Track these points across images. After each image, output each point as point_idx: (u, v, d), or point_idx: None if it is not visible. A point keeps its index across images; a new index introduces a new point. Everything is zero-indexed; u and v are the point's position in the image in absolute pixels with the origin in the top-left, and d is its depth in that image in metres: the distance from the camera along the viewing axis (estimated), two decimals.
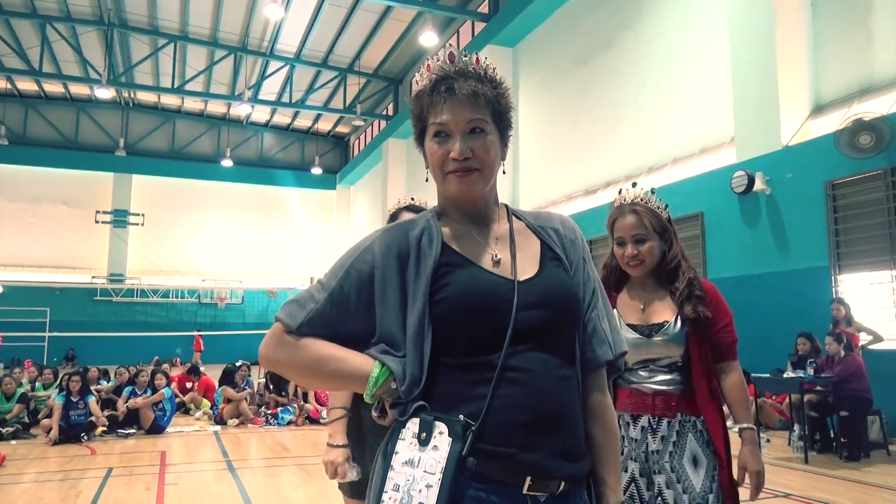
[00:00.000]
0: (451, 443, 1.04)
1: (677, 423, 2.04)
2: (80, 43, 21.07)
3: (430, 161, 1.23)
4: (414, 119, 1.27)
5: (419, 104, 1.24)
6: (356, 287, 1.19)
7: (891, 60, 7.80)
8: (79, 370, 8.85)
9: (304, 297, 1.21)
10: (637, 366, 2.10)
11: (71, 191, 26.51)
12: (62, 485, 5.53)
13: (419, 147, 1.27)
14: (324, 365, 1.17)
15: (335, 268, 1.23)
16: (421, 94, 1.24)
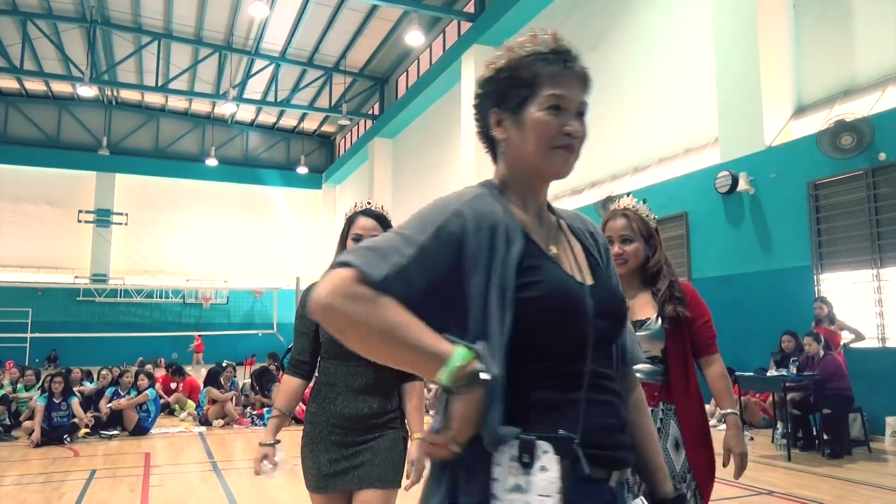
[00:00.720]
0: (560, 461, 0.98)
1: (660, 411, 2.23)
2: (63, 40, 20.85)
3: (536, 131, 1.12)
4: (516, 82, 1.14)
5: (531, 69, 1.13)
6: (447, 251, 1.04)
7: (872, 62, 7.90)
8: (61, 371, 8.76)
9: (383, 247, 1.03)
10: None
11: (53, 190, 26.22)
12: (45, 487, 5.47)
13: (504, 113, 1.16)
14: (400, 332, 0.98)
15: (422, 222, 1.06)
16: (534, 60, 1.13)
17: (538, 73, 1.14)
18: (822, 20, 8.48)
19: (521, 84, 1.14)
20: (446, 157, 18.40)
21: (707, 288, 9.40)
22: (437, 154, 19.24)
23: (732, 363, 8.30)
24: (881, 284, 7.30)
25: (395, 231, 1.08)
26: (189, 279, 26.69)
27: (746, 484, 5.26)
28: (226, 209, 28.63)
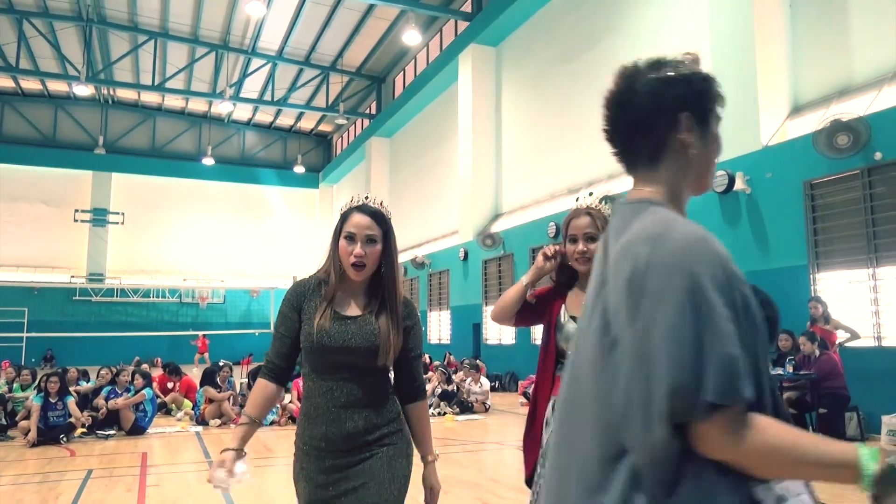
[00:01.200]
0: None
1: None
2: (59, 39, 20.80)
3: (716, 149, 1.19)
4: (711, 95, 1.18)
5: (719, 89, 1.19)
6: (750, 333, 0.95)
7: (868, 62, 7.92)
8: (57, 371, 8.73)
9: (723, 359, 0.90)
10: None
11: (49, 189, 26.16)
12: (41, 487, 5.46)
13: (692, 121, 1.13)
14: (804, 451, 0.90)
15: (715, 301, 0.93)
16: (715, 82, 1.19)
17: (721, 94, 1.16)
18: (819, 20, 8.50)
19: (713, 99, 1.16)
20: (443, 157, 18.41)
21: None
22: (434, 153, 19.24)
23: None
24: (877, 283, 7.32)
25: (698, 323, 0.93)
26: (186, 279, 26.66)
27: None
28: (222, 208, 28.60)
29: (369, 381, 1.97)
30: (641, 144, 1.16)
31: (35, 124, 26.42)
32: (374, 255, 1.94)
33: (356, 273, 1.93)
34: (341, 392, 1.94)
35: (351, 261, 1.92)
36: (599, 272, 1.13)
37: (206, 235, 28.07)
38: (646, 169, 1.16)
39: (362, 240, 1.93)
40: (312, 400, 1.97)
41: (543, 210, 13.47)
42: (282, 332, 2.01)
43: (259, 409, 2.00)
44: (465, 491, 5.16)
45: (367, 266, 1.94)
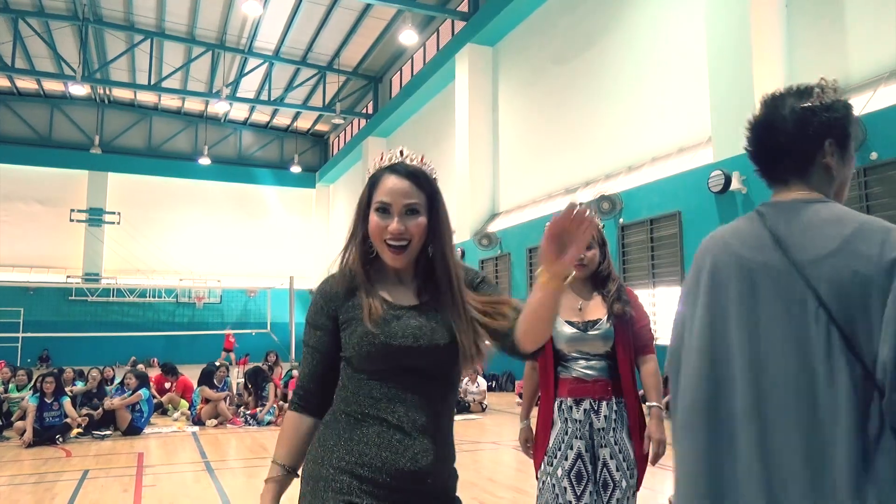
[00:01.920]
0: None
1: (614, 403, 2.50)
2: (54, 38, 20.74)
3: (851, 170, 1.37)
4: (853, 123, 1.34)
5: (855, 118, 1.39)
6: None
7: (864, 62, 7.94)
8: (53, 371, 8.71)
9: None
10: (575, 355, 2.55)
11: (45, 189, 26.08)
12: (37, 488, 5.44)
13: (835, 146, 1.32)
14: None
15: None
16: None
17: (857, 119, 1.34)
18: (815, 20, 8.52)
19: (852, 125, 1.32)
20: (440, 157, 18.40)
21: None
22: (430, 154, 19.14)
23: None
24: None
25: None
26: (182, 278, 26.61)
27: None
28: (219, 208, 28.55)
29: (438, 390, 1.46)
30: (789, 165, 1.34)
31: (31, 124, 26.34)
32: (419, 231, 1.44)
33: (395, 256, 1.44)
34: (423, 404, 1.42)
35: (387, 240, 1.43)
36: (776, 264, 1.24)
37: (203, 235, 28.02)
38: (796, 181, 1.34)
39: (400, 211, 1.43)
40: (364, 407, 1.42)
41: (540, 210, 13.48)
42: (312, 346, 1.51)
43: (291, 452, 1.48)
44: (462, 491, 5.14)
45: (411, 246, 1.44)
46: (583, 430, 2.45)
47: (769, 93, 1.38)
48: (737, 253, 1.30)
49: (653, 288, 10.38)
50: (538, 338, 1.40)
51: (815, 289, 1.17)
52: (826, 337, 1.15)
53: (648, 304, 10.47)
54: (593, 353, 2.53)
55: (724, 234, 1.38)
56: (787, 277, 1.20)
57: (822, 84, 1.32)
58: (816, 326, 1.16)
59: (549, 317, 1.36)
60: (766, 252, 1.25)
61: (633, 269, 10.82)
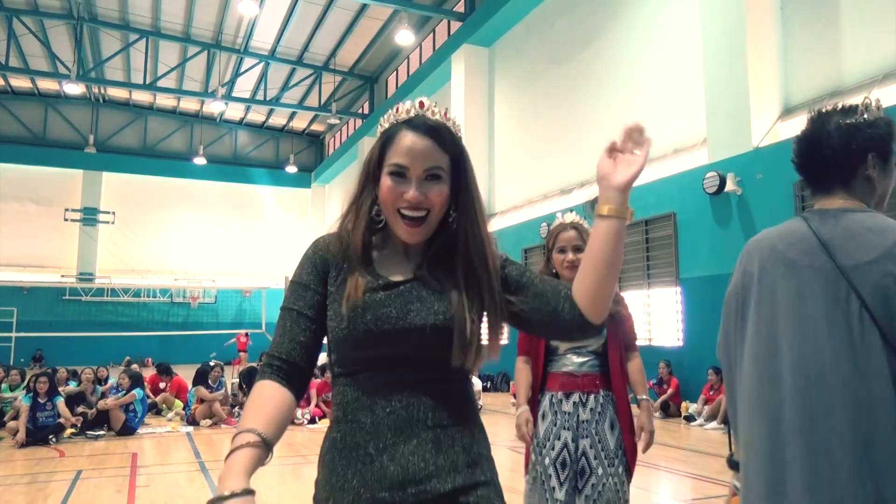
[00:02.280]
0: None
1: (601, 397, 2.64)
2: (49, 37, 20.67)
3: (892, 183, 1.53)
4: (893, 140, 1.47)
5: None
6: None
7: (859, 64, 7.97)
8: (47, 371, 8.68)
9: None
10: (568, 351, 2.69)
11: (39, 188, 25.99)
12: (30, 488, 5.42)
13: (878, 160, 1.46)
14: None
15: None
16: None
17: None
18: (810, 22, 8.55)
19: (893, 140, 1.44)
20: None
21: (694, 288, 9.46)
22: None
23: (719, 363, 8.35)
24: None
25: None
26: (177, 278, 26.54)
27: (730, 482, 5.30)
28: (214, 208, 28.50)
29: (445, 386, 1.21)
30: (834, 176, 1.45)
31: (25, 123, 26.24)
32: (440, 200, 1.19)
33: (411, 230, 1.19)
34: (428, 399, 1.17)
35: (402, 208, 1.18)
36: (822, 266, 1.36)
37: (198, 235, 27.96)
38: (840, 190, 1.45)
39: (419, 176, 1.18)
40: (361, 413, 1.17)
41: (536, 210, 13.49)
42: (296, 308, 1.21)
43: (271, 422, 1.09)
44: None
45: (430, 218, 1.20)
46: (570, 422, 2.61)
47: (816, 109, 1.52)
48: (784, 255, 1.42)
49: (648, 289, 10.40)
50: (605, 295, 1.14)
51: (858, 291, 1.30)
52: (868, 335, 1.28)
53: (644, 304, 10.49)
54: (586, 349, 2.68)
55: (771, 238, 1.49)
56: (833, 280, 1.33)
57: (867, 102, 1.44)
58: (860, 325, 1.29)
59: (616, 261, 1.14)
60: (814, 256, 1.37)
61: (629, 269, 10.83)
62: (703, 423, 8.37)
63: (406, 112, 1.25)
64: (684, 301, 9.64)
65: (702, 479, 5.49)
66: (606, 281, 1.14)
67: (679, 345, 9.75)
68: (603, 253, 1.13)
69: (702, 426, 8.33)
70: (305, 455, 6.72)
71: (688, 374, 9.29)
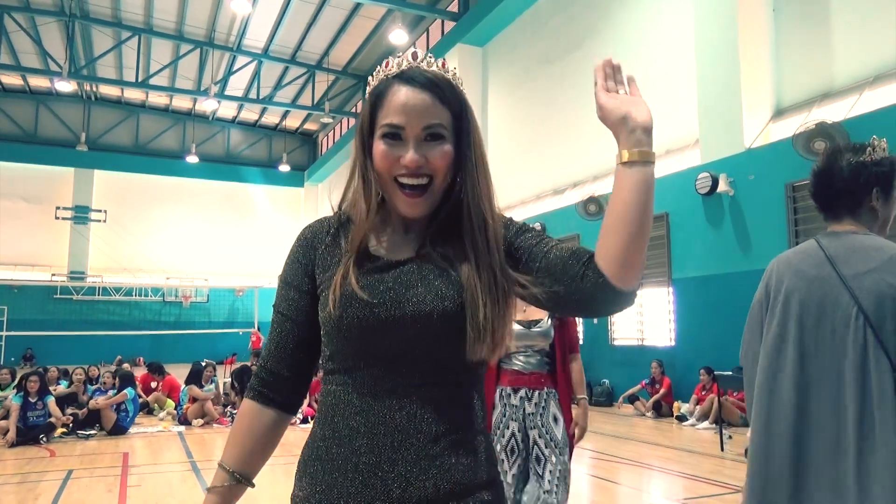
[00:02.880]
0: None
1: (545, 393, 2.97)
2: (40, 34, 20.53)
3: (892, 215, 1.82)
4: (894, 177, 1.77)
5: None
6: None
7: (850, 66, 8.02)
8: (37, 370, 8.64)
9: None
10: (517, 351, 2.99)
11: (30, 186, 25.82)
12: (20, 488, 5.39)
13: (882, 193, 1.73)
14: None
15: None
16: None
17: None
18: (802, 24, 8.59)
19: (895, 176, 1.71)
20: None
21: (687, 288, 9.49)
22: None
23: (711, 362, 8.39)
24: None
25: None
26: (169, 277, 26.44)
27: (724, 482, 5.33)
28: (207, 207, 28.39)
29: (453, 391, 1.05)
30: (843, 205, 1.70)
31: (16, 120, 26.07)
32: (444, 163, 1.04)
33: (412, 201, 1.04)
34: (429, 404, 1.02)
35: (400, 176, 1.04)
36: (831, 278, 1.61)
37: (190, 234, 27.85)
38: (848, 217, 1.70)
39: (417, 136, 1.03)
40: (353, 418, 1.03)
41: (529, 210, 13.51)
42: (283, 313, 1.12)
43: (244, 454, 1.12)
44: None
45: (434, 185, 1.05)
46: (517, 414, 2.95)
47: (829, 147, 1.81)
48: (798, 268, 1.69)
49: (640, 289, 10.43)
50: (638, 258, 0.97)
51: (855, 296, 1.54)
52: (863, 335, 1.51)
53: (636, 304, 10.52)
54: (535, 348, 2.99)
55: (790, 255, 1.76)
56: (836, 287, 1.58)
57: (874, 143, 1.69)
58: (855, 326, 1.52)
59: (649, 215, 0.97)
60: (821, 267, 1.64)
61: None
62: (695, 423, 8.40)
63: (397, 65, 1.05)
64: (676, 301, 9.67)
65: (694, 479, 5.51)
66: (639, 240, 0.97)
67: (671, 345, 9.78)
68: (635, 206, 0.96)
69: (693, 426, 8.36)
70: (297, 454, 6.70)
71: (680, 374, 9.33)
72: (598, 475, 5.88)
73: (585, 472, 6.16)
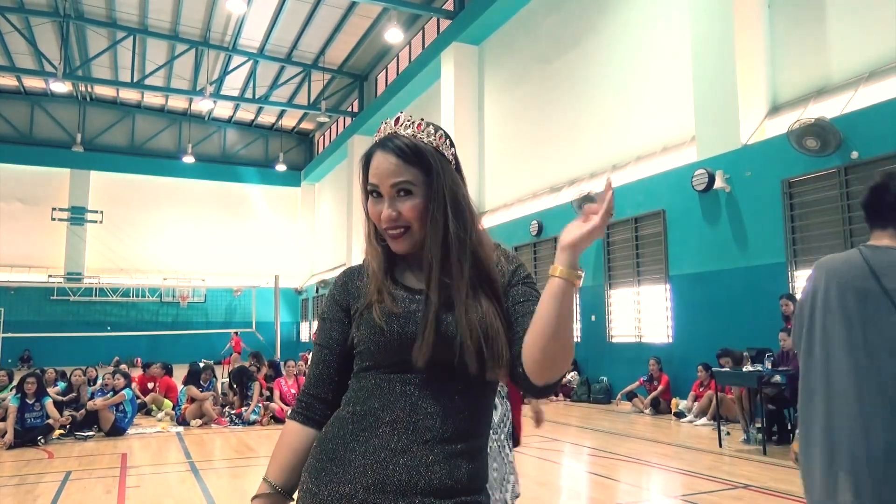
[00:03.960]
0: None
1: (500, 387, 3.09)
2: (35, 35, 20.49)
3: None
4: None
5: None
6: None
7: (845, 62, 8.03)
8: (35, 371, 8.62)
9: None
10: None
11: (26, 187, 25.77)
12: (18, 490, 5.38)
13: None
14: None
15: None
16: None
17: None
18: (797, 21, 8.60)
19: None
20: None
21: (684, 285, 9.50)
22: None
23: (709, 359, 8.40)
24: None
25: None
26: (166, 278, 26.41)
27: (722, 478, 5.34)
28: (203, 207, 28.36)
29: (465, 396, 1.20)
30: (890, 218, 1.88)
31: (11, 121, 26.01)
32: (414, 214, 1.22)
33: (394, 242, 1.25)
34: (452, 408, 1.19)
35: (384, 227, 1.25)
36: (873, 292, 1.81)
37: (187, 234, 27.82)
38: (892, 230, 1.87)
39: (390, 194, 1.23)
40: (373, 408, 1.20)
41: (526, 208, 13.52)
42: (322, 344, 1.31)
43: (286, 468, 1.28)
44: None
45: (413, 230, 1.23)
46: None
47: (885, 170, 2.04)
48: (843, 278, 1.84)
49: (637, 286, 10.45)
50: (547, 360, 1.09)
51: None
52: None
53: (633, 301, 10.53)
54: None
55: (835, 263, 1.90)
56: (878, 298, 1.77)
57: None
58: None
59: (562, 325, 1.06)
60: (865, 279, 1.80)
61: (618, 267, 10.88)
62: (693, 420, 8.42)
63: (381, 132, 1.29)
64: (674, 298, 9.69)
65: (692, 475, 5.52)
66: (553, 343, 1.06)
67: (669, 341, 9.80)
68: (547, 313, 1.07)
69: (692, 422, 8.38)
70: None
71: (677, 371, 9.34)
72: (597, 472, 5.89)
73: (584, 469, 6.16)
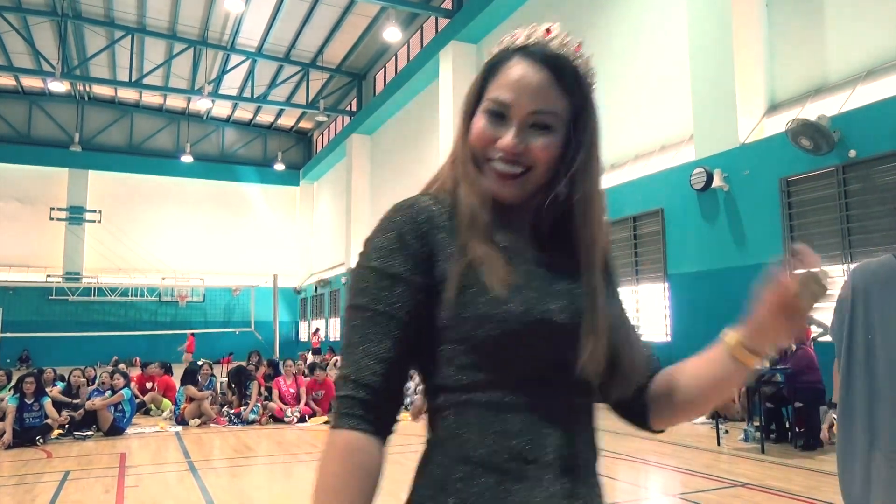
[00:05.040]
0: None
1: None
2: (33, 34, 20.46)
3: None
4: None
5: None
6: None
7: (843, 61, 8.04)
8: (33, 371, 8.61)
9: None
10: None
11: (24, 187, 25.74)
12: (17, 489, 5.38)
13: None
14: None
15: None
16: None
17: None
18: (795, 19, 8.61)
19: None
20: (424, 154, 18.39)
21: (682, 284, 9.51)
22: (415, 151, 19.22)
23: None
24: None
25: None
26: (165, 277, 26.39)
27: (721, 476, 5.35)
28: (202, 206, 28.34)
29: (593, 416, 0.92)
30: None
31: (9, 121, 25.97)
32: (546, 156, 0.88)
33: (501, 182, 0.88)
34: (586, 431, 0.90)
35: (494, 159, 0.88)
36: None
37: (186, 233, 27.81)
38: None
39: (523, 120, 0.88)
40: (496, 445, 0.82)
41: None
42: (383, 311, 0.83)
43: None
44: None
45: (532, 175, 0.88)
46: None
47: None
48: (879, 277, 1.96)
49: (636, 285, 10.45)
50: (689, 415, 0.97)
51: None
52: None
53: (632, 300, 10.54)
54: None
55: (871, 263, 2.02)
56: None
57: None
58: None
59: (722, 397, 0.95)
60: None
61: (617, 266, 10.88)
62: None
63: (525, 37, 0.94)
64: (672, 297, 9.69)
65: (690, 474, 5.53)
66: (702, 409, 0.97)
67: (667, 340, 9.80)
68: (716, 390, 0.93)
69: (690, 421, 8.38)
70: (296, 454, 6.71)
71: None
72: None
73: None
